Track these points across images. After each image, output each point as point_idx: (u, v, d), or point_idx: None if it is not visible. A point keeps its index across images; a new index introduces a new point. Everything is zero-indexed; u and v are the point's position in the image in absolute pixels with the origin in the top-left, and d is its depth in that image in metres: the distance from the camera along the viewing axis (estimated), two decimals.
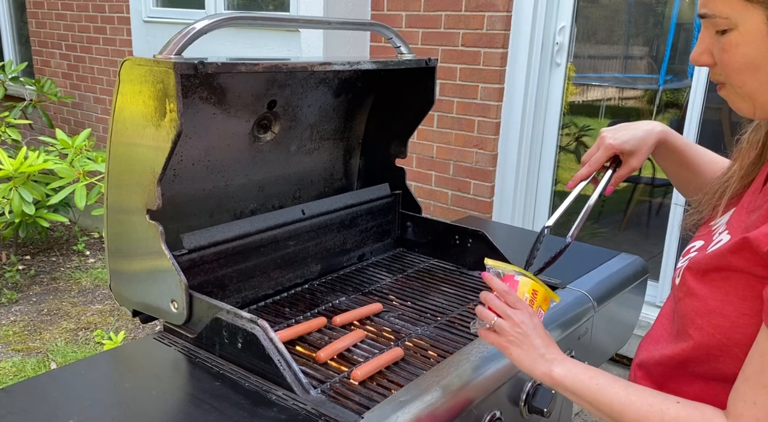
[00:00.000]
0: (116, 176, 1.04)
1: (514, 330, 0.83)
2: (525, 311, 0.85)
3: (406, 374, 0.97)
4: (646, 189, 3.97)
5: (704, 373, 0.75)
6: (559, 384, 0.80)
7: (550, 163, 2.47)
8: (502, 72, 2.37)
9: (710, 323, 0.71)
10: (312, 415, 0.83)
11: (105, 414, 0.84)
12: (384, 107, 1.46)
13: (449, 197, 2.61)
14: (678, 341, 0.78)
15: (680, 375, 0.78)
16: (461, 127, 2.48)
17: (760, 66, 0.69)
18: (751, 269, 0.67)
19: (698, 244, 0.82)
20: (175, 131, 0.92)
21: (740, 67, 0.70)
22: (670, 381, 0.80)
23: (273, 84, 1.22)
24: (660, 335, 0.85)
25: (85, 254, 4.19)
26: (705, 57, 0.74)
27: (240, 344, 0.94)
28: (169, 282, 1.01)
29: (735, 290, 0.69)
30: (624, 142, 0.98)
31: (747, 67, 0.70)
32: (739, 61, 0.70)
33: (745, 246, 0.67)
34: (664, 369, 0.81)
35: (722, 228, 0.78)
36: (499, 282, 0.88)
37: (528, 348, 0.82)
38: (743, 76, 0.71)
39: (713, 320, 0.71)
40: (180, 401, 0.88)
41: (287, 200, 1.39)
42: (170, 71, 0.89)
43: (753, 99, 0.72)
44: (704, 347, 0.73)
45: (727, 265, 0.70)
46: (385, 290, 1.28)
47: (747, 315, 0.68)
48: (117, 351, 1.06)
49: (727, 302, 0.70)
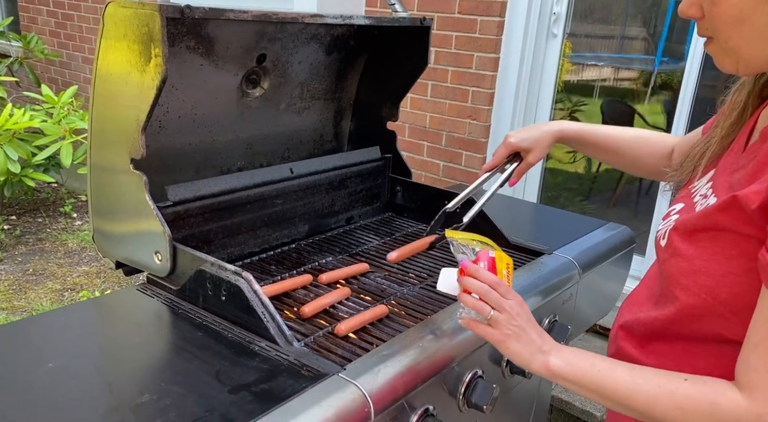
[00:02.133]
0: (99, 133, 1.02)
1: (510, 323, 0.79)
2: (517, 301, 0.81)
3: (389, 330, 0.97)
4: None
5: (687, 334, 0.75)
6: (558, 375, 0.77)
7: None
8: (498, 41, 2.34)
9: (696, 282, 0.71)
10: (294, 365, 0.83)
11: (85, 359, 0.84)
12: (377, 68, 1.44)
13: (441, 168, 2.60)
14: (663, 302, 0.78)
15: (663, 335, 0.78)
16: (455, 97, 2.46)
17: (745, 19, 0.68)
18: (739, 227, 0.66)
19: (678, 206, 0.81)
20: (160, 76, 0.90)
21: (728, 20, 0.69)
22: (653, 341, 0.80)
23: (263, 37, 1.19)
24: (645, 297, 0.85)
25: (72, 216, 4.15)
26: (694, 9, 0.74)
27: (224, 296, 0.93)
28: (152, 234, 1.00)
29: (722, 250, 0.69)
30: (521, 140, 1.12)
31: (734, 20, 0.69)
32: (727, 13, 0.69)
33: (734, 204, 0.67)
34: (646, 329, 0.81)
35: (705, 190, 0.78)
36: (487, 274, 0.83)
37: (526, 342, 0.79)
38: (730, 30, 0.70)
39: (699, 279, 0.70)
40: (161, 350, 0.88)
41: (275, 159, 1.37)
42: (156, 14, 0.87)
43: (737, 54, 0.71)
44: (689, 307, 0.72)
45: (714, 224, 0.69)
46: (372, 252, 1.27)
47: (733, 274, 0.67)
48: (99, 301, 1.05)
49: (713, 262, 0.69)
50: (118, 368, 0.82)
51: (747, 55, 0.71)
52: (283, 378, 0.81)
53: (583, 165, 3.95)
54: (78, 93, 3.19)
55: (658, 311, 0.78)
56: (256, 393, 0.77)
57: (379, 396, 0.81)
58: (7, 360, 0.81)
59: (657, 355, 0.78)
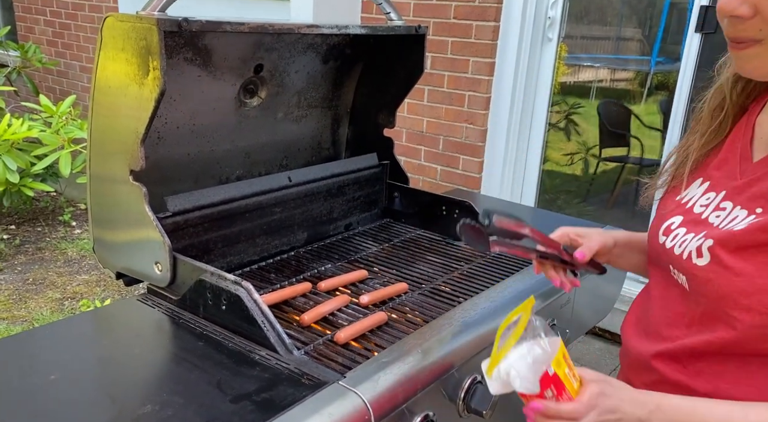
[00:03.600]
0: (99, 144, 1.03)
1: None
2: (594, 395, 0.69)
3: (389, 337, 0.97)
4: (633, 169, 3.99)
5: (745, 352, 0.70)
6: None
7: (539, 140, 2.47)
8: (494, 46, 2.35)
9: (760, 302, 0.65)
10: (295, 374, 0.84)
11: (86, 370, 0.84)
12: (373, 75, 1.45)
13: (438, 173, 2.61)
14: (713, 324, 0.71)
15: (715, 355, 0.73)
16: (452, 101, 2.47)
17: None
18: None
19: (677, 219, 0.78)
20: (159, 89, 0.91)
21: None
22: (701, 362, 0.74)
23: (260, 47, 1.20)
24: (672, 319, 0.78)
25: (71, 224, 4.15)
26: (745, 8, 0.63)
27: (224, 305, 0.94)
28: (152, 244, 1.00)
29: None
30: (578, 230, 0.95)
31: None
32: None
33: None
34: (694, 352, 0.74)
35: (710, 201, 0.75)
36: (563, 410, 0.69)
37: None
38: None
39: (763, 298, 0.65)
40: (163, 360, 0.89)
41: (274, 168, 1.38)
42: (153, 28, 0.88)
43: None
44: (754, 327, 0.67)
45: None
46: (371, 259, 1.28)
47: None
48: (99, 312, 1.06)
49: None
50: (120, 379, 0.83)
51: None
52: (284, 386, 0.82)
53: (580, 167, 3.96)
54: (76, 102, 3.20)
55: (711, 334, 0.72)
56: (257, 402, 0.78)
57: (380, 404, 0.81)
58: (9, 372, 0.82)
59: (709, 376, 0.74)
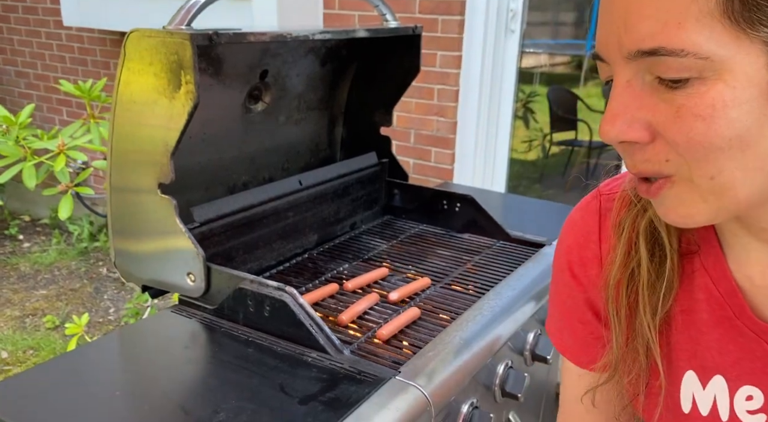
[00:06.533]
0: (121, 156, 1.02)
1: None
2: None
3: (426, 331, 1.02)
4: (583, 151, 4.18)
5: None
6: None
7: (507, 129, 2.56)
8: (460, 39, 2.42)
9: None
10: (351, 372, 0.87)
11: (147, 384, 0.85)
12: (367, 75, 1.48)
13: (411, 166, 2.66)
14: None
15: None
16: (421, 95, 2.53)
17: (752, 140, 0.42)
18: None
19: None
20: (192, 102, 0.91)
21: (722, 145, 0.42)
22: None
23: (266, 54, 1.21)
24: None
25: (18, 238, 3.96)
26: (637, 130, 0.45)
27: (267, 312, 0.96)
28: (185, 256, 1.01)
29: None
30: None
31: (735, 143, 0.42)
32: (723, 133, 0.42)
33: None
34: None
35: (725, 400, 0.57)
36: None
37: None
38: (723, 160, 0.43)
39: None
40: (218, 368, 0.90)
41: (277, 172, 1.39)
42: (186, 43, 0.88)
43: (724, 195, 0.45)
44: None
45: None
46: (383, 256, 1.32)
47: None
48: (138, 327, 1.05)
49: None
50: (184, 390, 0.84)
51: (745, 193, 0.45)
52: (345, 385, 0.85)
53: (536, 153, 4.12)
54: None
55: None
56: (325, 402, 0.81)
57: (438, 395, 0.86)
58: (70, 392, 0.81)
59: None
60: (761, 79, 0.41)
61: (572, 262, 0.68)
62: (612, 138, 0.46)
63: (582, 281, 0.67)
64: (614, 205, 0.62)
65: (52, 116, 4.13)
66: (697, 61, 0.41)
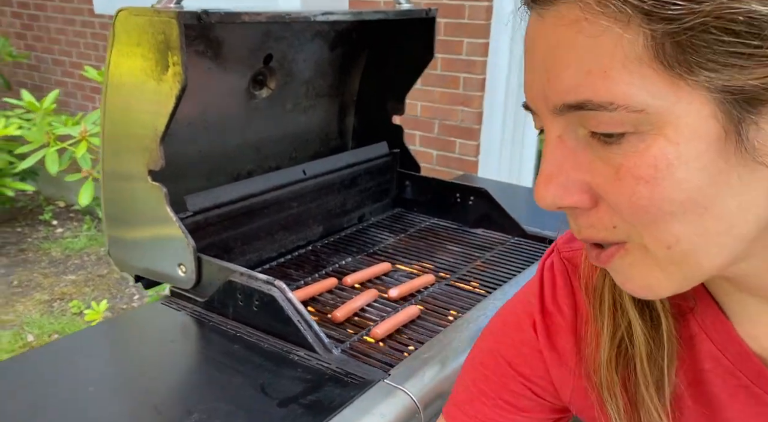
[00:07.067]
0: (112, 141, 0.98)
1: None
2: None
3: (424, 331, 0.96)
4: None
5: None
6: None
7: None
8: (487, 26, 2.33)
9: None
10: (337, 374, 0.82)
11: (125, 380, 0.82)
12: (380, 61, 1.42)
13: (434, 157, 2.59)
14: None
15: None
16: (446, 84, 2.45)
17: (708, 202, 0.35)
18: None
19: None
20: (179, 85, 0.87)
21: (672, 210, 0.36)
22: None
23: (269, 37, 1.16)
24: None
25: (52, 223, 4.05)
26: (575, 193, 0.39)
27: (256, 306, 0.92)
28: (176, 246, 0.97)
29: None
30: None
31: (688, 207, 0.36)
32: (671, 196, 0.35)
33: None
34: None
35: None
36: None
37: None
38: (678, 226, 0.36)
39: None
40: (201, 365, 0.86)
41: (284, 161, 1.35)
42: (173, 21, 0.84)
43: (686, 264, 0.38)
44: None
45: None
46: (390, 251, 1.26)
47: None
48: (125, 317, 1.03)
49: None
50: (161, 387, 0.80)
51: (708, 263, 0.38)
52: (329, 387, 0.80)
53: None
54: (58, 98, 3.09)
55: None
56: (306, 405, 0.76)
57: (427, 400, 0.80)
58: (45, 386, 0.78)
59: None
60: (709, 131, 0.34)
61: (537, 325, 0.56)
62: (548, 204, 0.39)
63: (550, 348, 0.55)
64: (581, 267, 0.53)
65: (86, 103, 4.19)
66: (629, 115, 0.35)
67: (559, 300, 0.55)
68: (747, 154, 0.34)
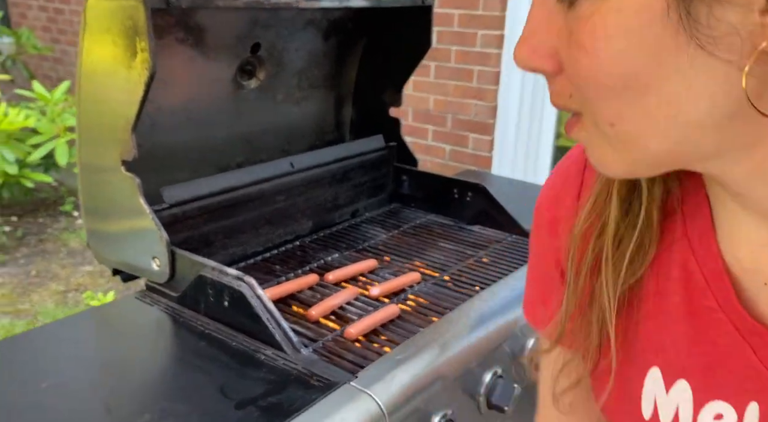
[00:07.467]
0: (88, 131, 0.96)
1: None
2: None
3: (402, 332, 0.91)
4: None
5: None
6: None
7: (552, 113, 2.39)
8: (502, 17, 2.26)
9: None
10: (303, 375, 0.79)
11: (81, 376, 0.79)
12: (376, 51, 1.37)
13: (447, 153, 2.54)
14: None
15: None
16: (460, 77, 2.39)
17: (652, 81, 0.33)
18: None
19: None
20: (148, 72, 0.84)
21: (611, 84, 0.34)
22: None
23: (256, 24, 1.13)
24: None
25: (72, 214, 4.11)
26: (541, 57, 0.37)
27: (226, 302, 0.88)
28: (149, 239, 0.94)
29: None
30: None
31: (630, 83, 0.34)
32: (609, 70, 0.34)
33: None
34: None
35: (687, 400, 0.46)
36: None
37: None
38: (620, 104, 0.35)
39: None
40: (163, 363, 0.83)
41: (276, 154, 1.31)
42: (139, 5, 0.81)
43: (631, 145, 0.37)
44: None
45: None
46: (380, 247, 1.22)
47: None
48: (96, 311, 1.01)
49: None
50: (117, 385, 0.78)
51: (655, 147, 0.36)
52: (292, 389, 0.76)
53: None
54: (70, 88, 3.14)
55: None
56: (264, 407, 0.73)
57: (395, 405, 0.76)
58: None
59: None
60: (657, 2, 0.31)
61: (551, 215, 0.57)
62: (518, 62, 0.39)
63: (559, 236, 0.56)
64: None
65: None
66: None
67: (567, 190, 0.55)
68: (700, 37, 0.31)
